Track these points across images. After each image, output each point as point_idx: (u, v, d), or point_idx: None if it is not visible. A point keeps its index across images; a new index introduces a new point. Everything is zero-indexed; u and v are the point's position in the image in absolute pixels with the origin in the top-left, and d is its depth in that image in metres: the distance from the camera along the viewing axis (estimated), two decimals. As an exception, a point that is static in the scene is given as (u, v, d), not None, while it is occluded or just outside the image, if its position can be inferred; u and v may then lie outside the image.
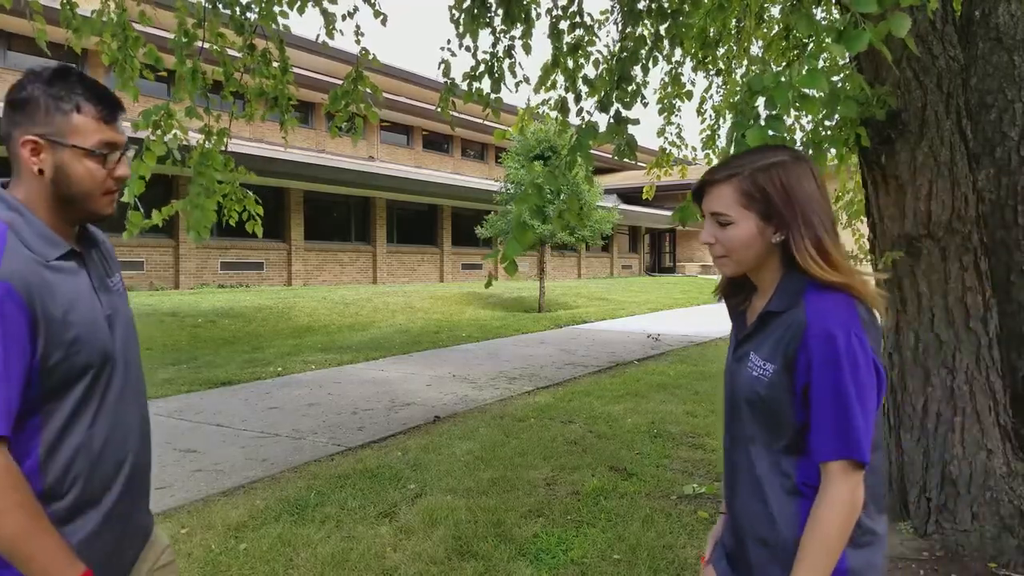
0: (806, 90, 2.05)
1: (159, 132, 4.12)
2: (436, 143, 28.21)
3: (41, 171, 1.21)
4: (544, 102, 4.82)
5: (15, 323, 1.10)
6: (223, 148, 4.54)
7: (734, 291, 1.43)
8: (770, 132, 2.11)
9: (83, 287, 1.24)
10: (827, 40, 1.94)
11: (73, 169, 1.22)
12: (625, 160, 3.57)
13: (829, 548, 1.19)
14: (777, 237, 1.27)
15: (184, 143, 4.27)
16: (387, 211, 22.11)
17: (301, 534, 3.41)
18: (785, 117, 2.29)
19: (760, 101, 2.19)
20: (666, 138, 6.41)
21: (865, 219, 3.73)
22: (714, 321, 13.55)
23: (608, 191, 27.75)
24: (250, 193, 4.81)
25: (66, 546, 1.15)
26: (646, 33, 4.26)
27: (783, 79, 2.07)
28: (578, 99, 4.62)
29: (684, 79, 5.65)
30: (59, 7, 4.33)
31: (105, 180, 1.25)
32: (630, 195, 31.20)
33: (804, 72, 2.04)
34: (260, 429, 5.41)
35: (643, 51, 4.13)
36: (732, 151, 2.25)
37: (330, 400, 6.48)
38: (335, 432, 5.34)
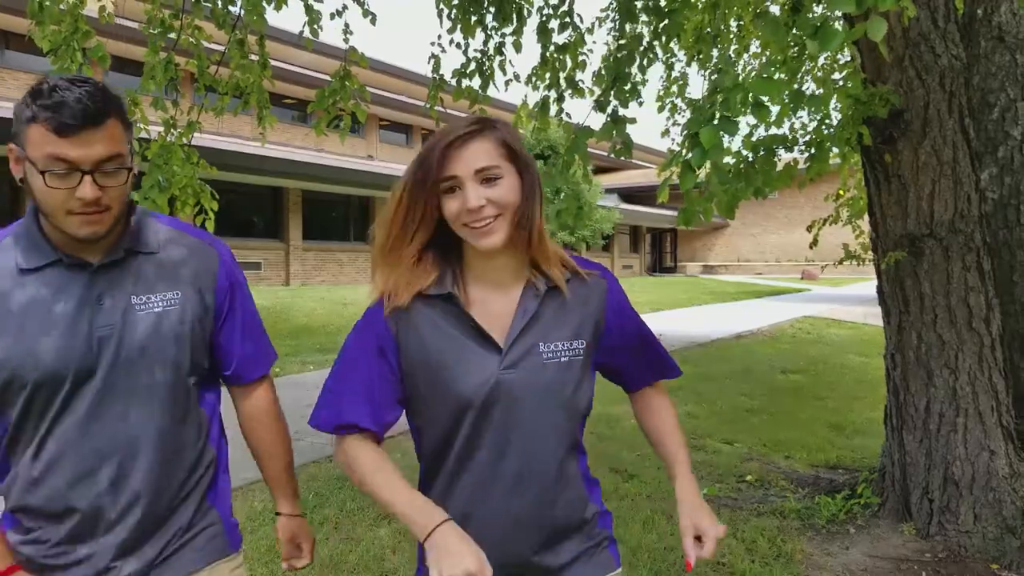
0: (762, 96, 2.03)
1: None
2: (436, 142, 28.17)
3: (22, 180, 1.15)
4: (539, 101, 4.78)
5: None
6: (187, 142, 4.36)
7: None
8: (721, 133, 2.08)
9: (49, 299, 1.18)
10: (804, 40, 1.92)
11: (33, 183, 1.13)
12: (623, 159, 3.54)
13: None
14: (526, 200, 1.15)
15: (145, 134, 4.08)
16: (387, 211, 22.08)
17: (300, 536, 3.39)
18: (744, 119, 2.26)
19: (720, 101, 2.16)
20: (673, 140, 6.33)
21: (867, 218, 3.72)
22: (717, 321, 13.53)
23: (609, 190, 27.74)
24: (208, 187, 4.40)
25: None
26: (646, 32, 4.23)
27: (739, 82, 2.05)
28: (561, 99, 4.59)
29: (687, 74, 5.61)
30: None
31: (66, 200, 1.11)
32: (631, 194, 31.20)
33: (757, 78, 2.02)
34: (259, 430, 5.38)
35: (638, 52, 4.11)
36: (687, 148, 2.23)
37: (329, 400, 6.45)
38: (334, 433, 5.31)
